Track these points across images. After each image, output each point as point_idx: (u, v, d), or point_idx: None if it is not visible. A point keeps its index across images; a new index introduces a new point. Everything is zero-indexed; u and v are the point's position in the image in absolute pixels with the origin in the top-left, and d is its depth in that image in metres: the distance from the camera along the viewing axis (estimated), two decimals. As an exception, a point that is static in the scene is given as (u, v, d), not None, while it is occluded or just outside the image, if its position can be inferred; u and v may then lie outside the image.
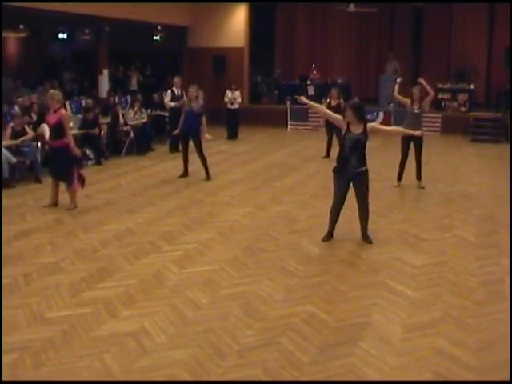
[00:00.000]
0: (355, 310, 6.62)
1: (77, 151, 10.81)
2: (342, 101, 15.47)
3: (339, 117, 8.88)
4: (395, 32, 25.38)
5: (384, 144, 17.42)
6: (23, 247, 8.72)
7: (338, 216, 9.00)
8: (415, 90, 12.52)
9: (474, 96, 22.38)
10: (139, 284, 7.34)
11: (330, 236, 9.03)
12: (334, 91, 16.15)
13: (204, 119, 13.39)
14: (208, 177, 13.36)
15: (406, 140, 12.29)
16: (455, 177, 13.96)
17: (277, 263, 8.07)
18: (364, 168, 8.68)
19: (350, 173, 8.62)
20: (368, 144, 8.72)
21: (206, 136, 13.34)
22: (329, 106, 15.47)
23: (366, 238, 8.93)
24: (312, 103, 9.37)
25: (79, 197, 11.63)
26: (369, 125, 8.70)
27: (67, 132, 10.59)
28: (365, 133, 8.58)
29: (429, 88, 12.72)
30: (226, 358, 5.54)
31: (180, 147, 14.02)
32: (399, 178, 12.68)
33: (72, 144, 10.64)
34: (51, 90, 11.00)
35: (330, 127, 14.95)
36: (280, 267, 7.92)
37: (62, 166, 10.73)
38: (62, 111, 10.58)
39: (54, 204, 10.97)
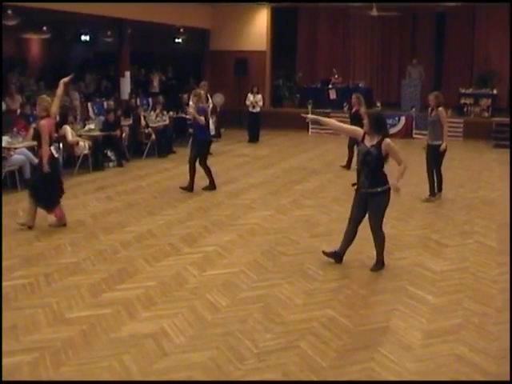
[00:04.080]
0: (375, 315, 6.60)
1: (46, 168, 9.48)
2: (361, 108, 14.23)
3: (352, 127, 8.25)
4: (417, 36, 25.24)
5: (405, 149, 17.32)
6: (44, 247, 8.78)
7: (350, 236, 8.10)
8: (430, 97, 11.94)
9: (496, 101, 22.23)
10: (159, 286, 7.36)
11: (336, 257, 8.20)
12: (354, 98, 15.04)
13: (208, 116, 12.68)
14: (190, 187, 12.48)
15: (427, 148, 11.98)
16: (477, 182, 13.86)
17: (297, 267, 8.06)
18: (377, 189, 7.71)
19: (362, 191, 7.82)
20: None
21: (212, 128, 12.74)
22: (349, 114, 15.26)
23: (374, 266, 8.01)
24: (320, 118, 8.36)
25: (101, 198, 11.73)
26: (386, 140, 7.64)
27: (43, 143, 9.54)
28: (378, 146, 7.60)
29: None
30: (244, 361, 5.54)
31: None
32: (430, 191, 12.00)
33: (45, 159, 9.49)
34: (41, 96, 10.07)
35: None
36: (300, 271, 7.91)
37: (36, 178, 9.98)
38: (41, 121, 9.55)
39: (62, 224, 9.94)
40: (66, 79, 10.16)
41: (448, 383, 5.20)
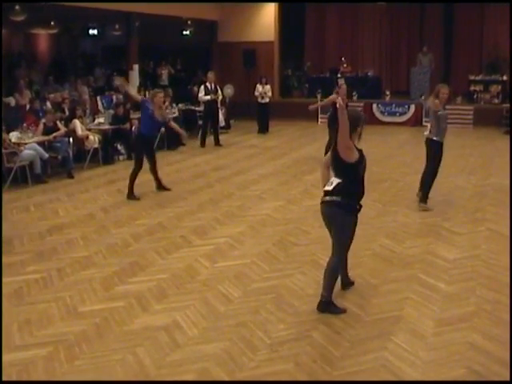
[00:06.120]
0: (387, 304, 6.59)
1: None
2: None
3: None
4: (426, 23, 25.14)
5: (414, 137, 17.25)
6: (56, 242, 8.80)
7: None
8: (445, 90, 9.94)
9: (507, 87, 22.06)
10: (171, 278, 7.37)
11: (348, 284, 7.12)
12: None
13: (174, 124, 12.53)
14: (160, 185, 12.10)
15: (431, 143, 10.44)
16: (488, 169, 13.79)
17: (308, 257, 8.06)
18: (333, 198, 6.25)
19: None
20: (400, 137, 7.87)
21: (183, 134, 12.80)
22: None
23: (321, 306, 6.39)
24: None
25: (111, 192, 11.75)
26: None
27: None
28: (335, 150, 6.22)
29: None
30: (257, 351, 5.55)
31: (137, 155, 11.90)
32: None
33: None
34: None
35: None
36: (312, 261, 7.90)
37: None
38: None
39: None
40: None
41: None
